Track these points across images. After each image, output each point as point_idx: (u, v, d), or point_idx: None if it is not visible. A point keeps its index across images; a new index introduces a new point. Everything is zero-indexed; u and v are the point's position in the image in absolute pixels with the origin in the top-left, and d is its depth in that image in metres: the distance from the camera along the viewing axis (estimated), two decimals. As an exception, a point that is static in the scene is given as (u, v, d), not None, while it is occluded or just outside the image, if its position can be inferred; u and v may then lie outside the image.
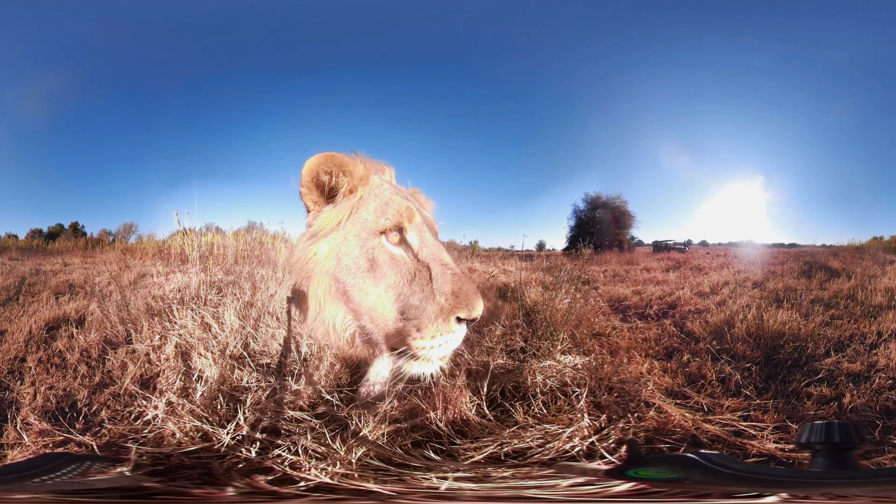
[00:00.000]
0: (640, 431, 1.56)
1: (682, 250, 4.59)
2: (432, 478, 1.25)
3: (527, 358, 2.02)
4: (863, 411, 1.76)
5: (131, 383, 1.80)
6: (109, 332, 2.31)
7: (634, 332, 2.78)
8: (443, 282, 1.29)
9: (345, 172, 1.35)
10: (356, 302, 1.34)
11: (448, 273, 1.31)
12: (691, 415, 1.69)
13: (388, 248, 1.33)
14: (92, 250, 3.89)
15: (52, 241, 3.85)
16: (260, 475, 1.27)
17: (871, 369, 2.10)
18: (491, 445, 1.42)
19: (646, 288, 3.68)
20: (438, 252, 1.35)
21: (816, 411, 1.78)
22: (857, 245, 3.84)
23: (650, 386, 1.90)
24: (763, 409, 1.76)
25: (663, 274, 4.05)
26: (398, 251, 1.33)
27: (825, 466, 0.98)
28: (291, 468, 1.30)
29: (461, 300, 1.27)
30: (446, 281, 1.29)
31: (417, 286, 1.30)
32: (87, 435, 1.54)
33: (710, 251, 4.62)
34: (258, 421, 1.50)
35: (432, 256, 1.34)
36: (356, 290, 1.33)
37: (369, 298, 1.32)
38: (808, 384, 1.97)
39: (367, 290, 1.32)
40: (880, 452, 1.47)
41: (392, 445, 1.40)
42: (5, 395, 1.85)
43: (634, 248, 4.71)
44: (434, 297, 1.28)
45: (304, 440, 1.39)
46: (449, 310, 1.27)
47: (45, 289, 3.16)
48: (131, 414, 1.64)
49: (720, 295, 3.41)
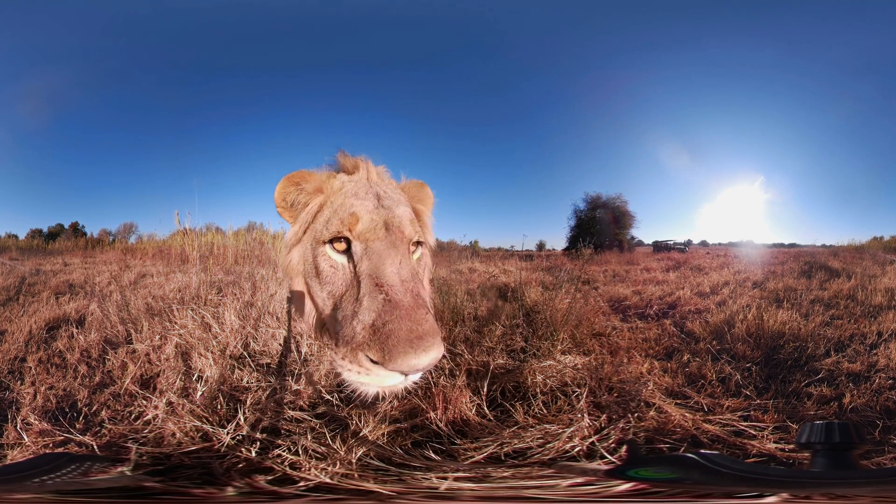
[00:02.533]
0: (640, 431, 1.56)
1: (682, 250, 4.58)
2: (432, 478, 1.25)
3: (527, 358, 2.02)
4: (863, 411, 1.76)
5: (131, 383, 1.80)
6: (109, 332, 2.31)
7: (634, 332, 2.78)
8: (368, 307, 1.12)
9: (302, 188, 1.39)
10: (315, 298, 1.37)
11: (379, 298, 1.12)
12: (691, 415, 1.69)
13: (331, 255, 1.28)
14: (92, 250, 3.89)
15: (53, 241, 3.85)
16: (260, 475, 1.27)
17: (872, 369, 2.10)
18: (491, 445, 1.42)
19: (646, 288, 3.68)
20: (385, 267, 1.18)
21: (816, 411, 1.78)
22: (857, 245, 3.84)
23: (650, 386, 1.90)
24: (763, 409, 1.75)
25: (663, 274, 4.05)
26: (341, 259, 1.27)
27: (825, 466, 0.98)
28: (291, 468, 1.30)
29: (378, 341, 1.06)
30: (372, 308, 1.11)
31: (347, 301, 1.19)
32: (88, 435, 1.54)
33: (710, 251, 4.62)
34: (258, 421, 1.50)
35: (371, 271, 1.18)
36: (314, 289, 1.35)
37: (319, 301, 1.33)
38: (808, 384, 1.97)
39: (317, 293, 1.33)
40: (880, 452, 1.47)
41: (392, 445, 1.40)
42: (5, 395, 1.85)
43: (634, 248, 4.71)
44: (352, 321, 1.13)
45: (304, 440, 1.40)
46: (357, 343, 1.09)
47: (46, 289, 3.16)
48: (131, 414, 1.64)
49: (720, 295, 3.41)
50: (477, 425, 1.53)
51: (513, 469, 1.31)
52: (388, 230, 1.27)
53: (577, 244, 4.55)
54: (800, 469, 1.34)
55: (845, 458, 0.97)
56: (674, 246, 4.63)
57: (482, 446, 1.42)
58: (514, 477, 1.27)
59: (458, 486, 1.22)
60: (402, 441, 1.43)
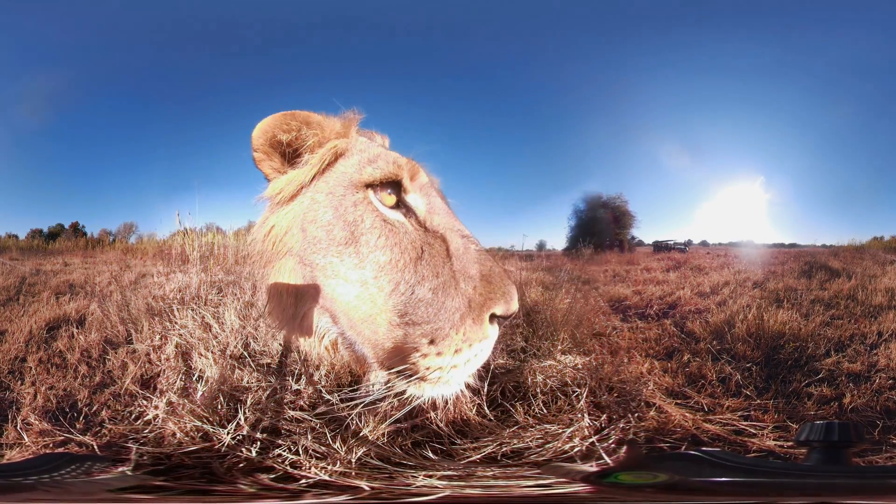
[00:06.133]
0: (641, 431, 1.56)
1: (682, 250, 4.58)
2: (430, 476, 1.25)
3: (527, 358, 2.02)
4: (863, 411, 1.76)
5: (132, 383, 1.80)
6: (110, 332, 2.31)
7: (635, 331, 2.77)
8: (467, 260, 0.87)
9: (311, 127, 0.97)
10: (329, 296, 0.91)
11: (472, 249, 0.90)
12: (691, 414, 1.69)
13: (380, 208, 0.90)
14: (92, 250, 3.88)
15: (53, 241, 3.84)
16: (260, 474, 1.27)
17: (872, 369, 2.10)
18: (491, 445, 1.42)
19: (646, 288, 3.68)
20: (455, 222, 0.94)
21: (817, 411, 1.78)
22: (857, 245, 3.83)
23: (650, 386, 1.90)
24: (763, 409, 1.75)
25: (664, 274, 4.05)
26: (395, 215, 0.91)
27: (820, 462, 0.99)
28: (292, 468, 1.30)
29: (496, 288, 0.86)
30: (471, 259, 0.88)
31: (428, 268, 0.85)
32: (88, 435, 1.54)
33: (710, 251, 4.62)
34: (258, 421, 1.50)
35: (447, 225, 0.92)
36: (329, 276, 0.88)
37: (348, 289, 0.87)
38: (808, 384, 1.97)
39: (346, 275, 0.87)
40: (878, 452, 1.47)
41: (392, 445, 1.40)
42: (5, 395, 1.85)
43: (635, 248, 4.71)
44: (457, 283, 0.86)
45: (304, 440, 1.40)
46: (481, 303, 0.86)
47: (46, 289, 3.16)
48: (132, 414, 1.64)
49: (720, 295, 3.41)
50: (477, 425, 1.53)
51: (512, 468, 1.31)
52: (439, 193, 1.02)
53: (577, 244, 4.54)
54: (795, 463, 1.34)
55: (841, 455, 0.98)
56: (674, 246, 4.62)
57: (482, 446, 1.42)
58: (514, 476, 1.27)
59: (456, 485, 1.22)
60: (403, 441, 1.43)
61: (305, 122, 0.96)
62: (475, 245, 0.91)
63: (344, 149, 0.97)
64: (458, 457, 1.37)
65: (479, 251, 0.90)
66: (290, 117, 0.96)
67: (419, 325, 0.86)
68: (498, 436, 1.46)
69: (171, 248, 3.24)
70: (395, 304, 0.86)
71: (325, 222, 0.90)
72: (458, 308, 0.85)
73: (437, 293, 0.85)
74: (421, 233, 0.90)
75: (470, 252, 0.88)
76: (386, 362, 0.91)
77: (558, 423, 1.54)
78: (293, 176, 0.96)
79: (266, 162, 0.98)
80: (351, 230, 0.87)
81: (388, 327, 0.88)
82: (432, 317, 0.85)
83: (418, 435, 1.46)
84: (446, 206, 0.99)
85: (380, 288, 0.87)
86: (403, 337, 0.87)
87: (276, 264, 0.97)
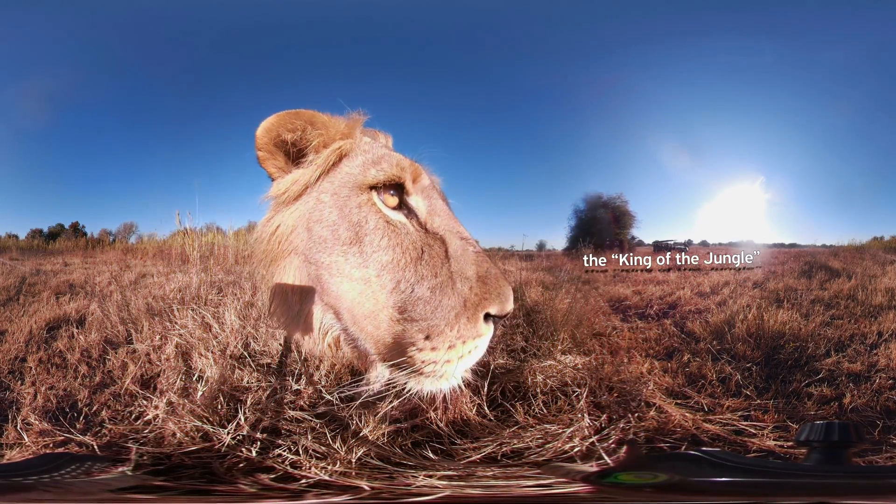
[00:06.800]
0: (641, 431, 1.56)
1: (682, 250, 4.58)
2: (430, 476, 1.25)
3: (527, 358, 2.02)
4: (863, 411, 1.76)
5: (132, 383, 1.80)
6: (110, 332, 2.31)
7: (635, 331, 2.77)
8: (465, 262, 0.92)
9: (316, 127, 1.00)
10: (333, 293, 0.96)
11: (470, 251, 0.94)
12: (691, 414, 1.69)
13: (383, 209, 0.95)
14: (92, 250, 3.88)
15: (53, 241, 3.84)
16: (260, 474, 1.27)
17: (872, 369, 2.10)
18: (490, 445, 1.42)
19: (646, 288, 3.68)
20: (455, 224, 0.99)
21: (817, 411, 1.78)
22: (857, 245, 3.83)
23: (650, 386, 1.90)
24: (763, 409, 1.75)
25: (664, 274, 4.05)
26: (397, 216, 0.96)
27: (820, 462, 0.99)
28: (292, 468, 1.30)
29: (492, 289, 0.91)
30: (469, 261, 0.92)
31: (427, 268, 0.91)
32: (88, 435, 1.54)
33: (710, 251, 4.62)
34: (258, 421, 1.50)
35: (447, 227, 0.97)
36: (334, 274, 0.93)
37: (352, 286, 0.93)
38: (808, 384, 1.97)
39: (350, 273, 0.92)
40: (878, 452, 1.47)
41: (392, 445, 1.40)
42: (5, 395, 1.85)
43: (635, 247, 4.71)
44: (453, 284, 0.91)
45: (304, 440, 1.40)
46: (476, 303, 0.91)
47: (46, 289, 3.16)
48: (132, 414, 1.64)
49: (720, 295, 3.40)
50: (477, 425, 1.53)
51: (511, 468, 1.31)
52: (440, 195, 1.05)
53: (577, 244, 4.54)
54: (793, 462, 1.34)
55: (840, 455, 0.98)
56: (674, 246, 4.63)
57: (482, 446, 1.42)
58: (513, 476, 1.27)
59: (455, 485, 1.22)
60: (403, 441, 1.43)
61: (310, 122, 0.99)
62: (473, 247, 0.96)
63: (348, 149, 1.01)
64: (458, 457, 1.37)
65: (476, 253, 0.96)
66: (294, 116, 0.98)
67: (417, 321, 0.92)
68: (498, 436, 1.46)
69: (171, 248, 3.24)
70: (396, 301, 0.92)
71: (331, 222, 0.95)
72: (454, 307, 0.91)
73: (435, 292, 0.91)
74: (422, 234, 0.95)
75: (468, 254, 0.94)
76: (386, 356, 0.97)
77: (558, 423, 1.54)
78: (298, 176, 0.99)
79: (270, 161, 1.01)
80: (355, 230, 0.92)
81: (388, 323, 0.94)
82: (429, 314, 0.91)
83: (418, 435, 1.46)
84: (447, 208, 1.03)
85: (382, 286, 0.92)
86: (402, 332, 0.93)
87: (281, 263, 1.01)
